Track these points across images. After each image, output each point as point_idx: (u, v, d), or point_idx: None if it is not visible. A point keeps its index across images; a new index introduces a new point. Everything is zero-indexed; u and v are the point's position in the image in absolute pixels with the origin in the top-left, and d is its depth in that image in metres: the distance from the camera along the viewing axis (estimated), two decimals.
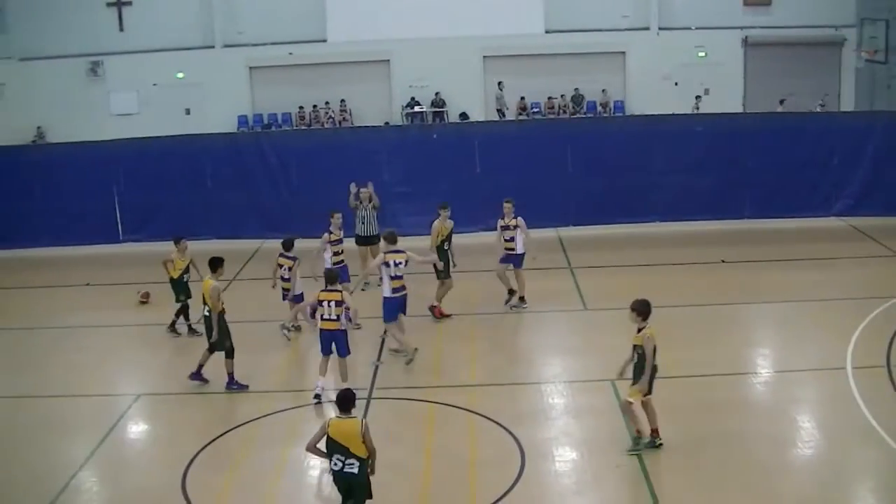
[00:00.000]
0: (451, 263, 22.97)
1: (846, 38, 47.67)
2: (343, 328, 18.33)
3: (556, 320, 23.14)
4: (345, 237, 23.75)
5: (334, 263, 22.45)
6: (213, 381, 19.05)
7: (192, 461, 16.19)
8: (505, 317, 23.01)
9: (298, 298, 22.12)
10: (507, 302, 23.53)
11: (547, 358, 20.86)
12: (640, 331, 15.68)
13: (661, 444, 15.98)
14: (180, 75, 48.46)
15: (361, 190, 25.47)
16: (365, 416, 17.71)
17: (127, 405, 18.78)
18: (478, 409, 17.81)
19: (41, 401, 19.08)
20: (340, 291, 18.33)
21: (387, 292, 20.21)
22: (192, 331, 22.36)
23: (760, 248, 27.47)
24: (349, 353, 18.62)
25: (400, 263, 20.11)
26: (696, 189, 30.03)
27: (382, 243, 21.21)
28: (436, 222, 22.87)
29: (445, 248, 22.83)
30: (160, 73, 48.11)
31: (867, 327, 21.03)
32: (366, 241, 25.40)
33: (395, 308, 20.29)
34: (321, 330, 18.40)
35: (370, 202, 25.42)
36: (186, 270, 22.39)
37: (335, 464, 13.09)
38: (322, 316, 18.27)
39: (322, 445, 13.19)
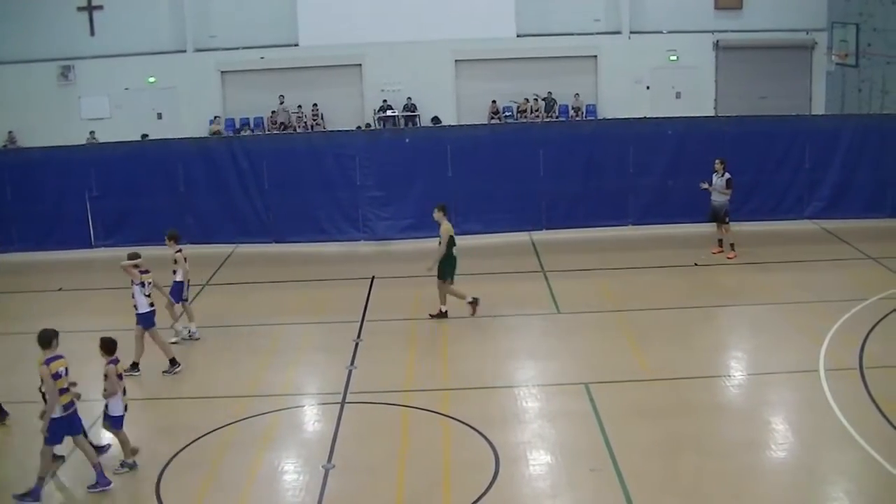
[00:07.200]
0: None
1: (817, 42, 47.94)
2: None
3: (529, 324, 23.09)
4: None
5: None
6: (188, 385, 18.94)
7: (166, 465, 16.14)
8: (478, 321, 22.91)
9: None
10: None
11: (521, 361, 20.78)
12: None
13: None
14: (152, 80, 48.21)
15: None
16: (339, 420, 17.72)
17: (100, 410, 18.65)
18: (452, 413, 17.76)
19: (13, 406, 18.88)
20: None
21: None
22: None
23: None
24: None
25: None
26: (669, 192, 30.09)
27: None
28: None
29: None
30: (132, 78, 47.82)
31: (840, 330, 21.13)
32: None
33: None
34: None
35: None
36: None
37: None
38: None
39: None
